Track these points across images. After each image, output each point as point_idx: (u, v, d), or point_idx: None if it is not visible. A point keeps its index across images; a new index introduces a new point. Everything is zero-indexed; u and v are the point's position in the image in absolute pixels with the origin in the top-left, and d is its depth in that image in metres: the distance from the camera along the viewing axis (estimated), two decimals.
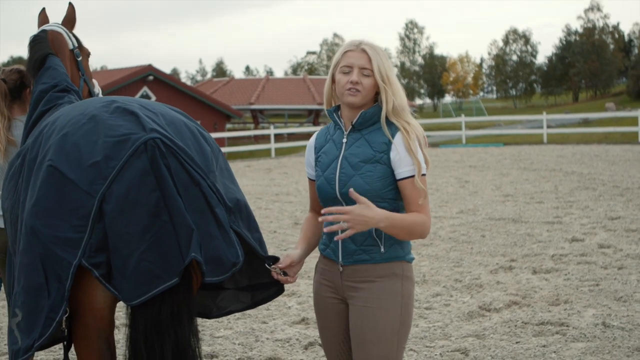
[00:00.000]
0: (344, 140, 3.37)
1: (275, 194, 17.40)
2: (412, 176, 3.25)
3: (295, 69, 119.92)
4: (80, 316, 3.29)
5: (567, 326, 6.51)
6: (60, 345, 3.51)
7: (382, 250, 3.33)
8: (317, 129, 42.83)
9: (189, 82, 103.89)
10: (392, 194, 3.30)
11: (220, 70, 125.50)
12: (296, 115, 63.80)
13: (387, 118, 3.31)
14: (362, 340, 3.32)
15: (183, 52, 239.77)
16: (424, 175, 3.29)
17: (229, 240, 3.24)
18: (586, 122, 45.08)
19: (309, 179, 3.61)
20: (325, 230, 3.33)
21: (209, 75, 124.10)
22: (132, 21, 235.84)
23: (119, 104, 3.40)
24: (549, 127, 36.72)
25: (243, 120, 52.83)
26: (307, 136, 46.11)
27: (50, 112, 3.91)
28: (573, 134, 36.78)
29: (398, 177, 3.28)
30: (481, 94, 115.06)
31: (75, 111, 3.45)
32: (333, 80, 3.40)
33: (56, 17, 4.46)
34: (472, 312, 7.05)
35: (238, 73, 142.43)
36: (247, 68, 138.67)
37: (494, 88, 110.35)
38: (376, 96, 3.36)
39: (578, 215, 12.70)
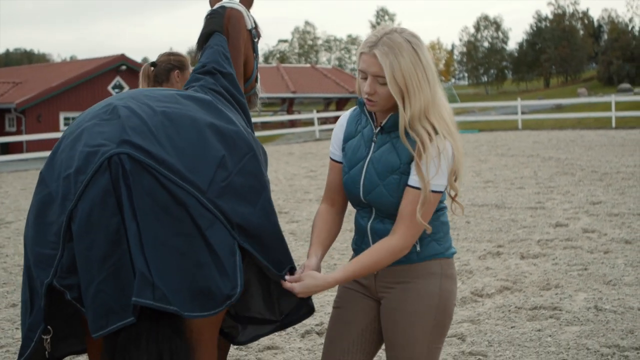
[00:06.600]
0: (374, 139, 3.11)
1: None
2: (410, 187, 3.01)
3: (267, 57, 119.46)
4: (88, 333, 2.98)
5: (560, 310, 6.58)
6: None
7: (418, 249, 3.13)
8: (292, 117, 42.99)
9: None
10: None
11: (192, 59, 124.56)
12: (269, 104, 63.63)
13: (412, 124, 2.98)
14: (393, 343, 3.19)
15: (153, 42, 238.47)
16: (434, 192, 3.04)
17: (222, 268, 2.78)
18: (559, 108, 45.46)
19: (332, 160, 3.29)
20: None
21: None
22: (98, 11, 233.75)
23: (116, 104, 2.98)
24: (522, 113, 36.95)
25: None
26: (281, 125, 45.97)
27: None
28: (547, 119, 37.07)
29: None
30: (453, 80, 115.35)
31: (86, 112, 3.09)
32: None
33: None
34: (465, 298, 7.11)
35: None
36: None
37: (466, 75, 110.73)
38: None
39: (560, 200, 12.82)
